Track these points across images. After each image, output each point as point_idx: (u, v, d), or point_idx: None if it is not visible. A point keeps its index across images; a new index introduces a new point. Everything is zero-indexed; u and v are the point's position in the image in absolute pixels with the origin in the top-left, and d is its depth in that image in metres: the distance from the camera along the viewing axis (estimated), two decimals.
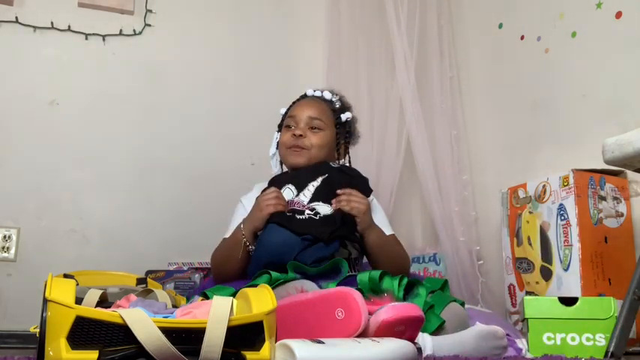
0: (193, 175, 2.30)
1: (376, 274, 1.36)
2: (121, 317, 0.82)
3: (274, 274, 1.41)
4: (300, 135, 1.68)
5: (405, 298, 1.36)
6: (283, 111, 1.81)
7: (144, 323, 0.81)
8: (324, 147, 1.72)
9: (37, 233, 2.11)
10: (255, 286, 1.20)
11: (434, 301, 1.36)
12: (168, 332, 0.83)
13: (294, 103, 1.80)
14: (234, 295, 1.27)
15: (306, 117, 1.71)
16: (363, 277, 1.37)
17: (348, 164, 1.78)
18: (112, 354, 0.81)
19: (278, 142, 1.77)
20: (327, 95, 1.80)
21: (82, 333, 0.81)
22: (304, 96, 1.81)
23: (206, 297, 1.37)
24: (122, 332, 0.82)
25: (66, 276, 0.90)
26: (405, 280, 1.39)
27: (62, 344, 0.79)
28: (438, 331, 1.29)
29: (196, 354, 0.85)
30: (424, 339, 1.25)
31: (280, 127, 1.80)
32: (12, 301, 2.02)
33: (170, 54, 2.36)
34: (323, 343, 0.95)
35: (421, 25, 2.38)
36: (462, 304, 1.44)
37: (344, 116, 1.78)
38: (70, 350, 0.79)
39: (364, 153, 2.33)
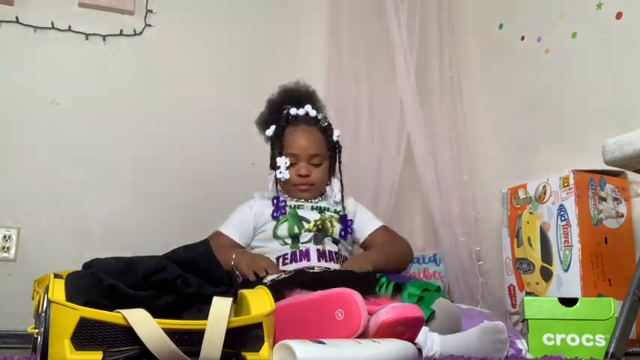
0: (193, 175, 2.29)
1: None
2: (124, 318, 0.82)
3: None
4: (307, 175, 1.81)
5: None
6: (270, 133, 1.86)
7: (147, 324, 0.82)
8: (325, 176, 1.87)
9: (37, 233, 2.11)
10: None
11: (424, 296, 1.38)
12: (170, 333, 0.84)
13: (284, 127, 1.83)
14: None
15: (307, 155, 1.81)
16: None
17: (340, 181, 1.87)
18: (116, 355, 0.81)
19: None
20: (313, 113, 1.87)
21: (86, 334, 0.81)
22: (291, 117, 1.85)
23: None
24: (126, 333, 0.82)
25: (56, 276, 0.90)
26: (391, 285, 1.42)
27: (66, 345, 0.79)
28: (428, 322, 1.30)
29: (197, 355, 0.86)
30: (432, 337, 1.26)
31: (275, 151, 1.84)
32: (12, 301, 2.01)
33: (170, 54, 2.36)
34: (323, 343, 0.96)
35: (421, 25, 2.38)
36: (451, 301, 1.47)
37: (335, 136, 1.88)
38: (74, 351, 0.80)
39: (365, 153, 2.33)
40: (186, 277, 0.95)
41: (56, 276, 0.91)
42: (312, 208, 1.84)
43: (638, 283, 1.26)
